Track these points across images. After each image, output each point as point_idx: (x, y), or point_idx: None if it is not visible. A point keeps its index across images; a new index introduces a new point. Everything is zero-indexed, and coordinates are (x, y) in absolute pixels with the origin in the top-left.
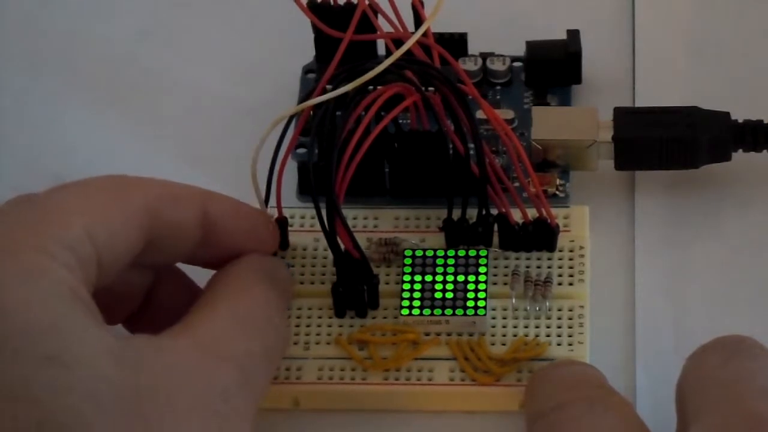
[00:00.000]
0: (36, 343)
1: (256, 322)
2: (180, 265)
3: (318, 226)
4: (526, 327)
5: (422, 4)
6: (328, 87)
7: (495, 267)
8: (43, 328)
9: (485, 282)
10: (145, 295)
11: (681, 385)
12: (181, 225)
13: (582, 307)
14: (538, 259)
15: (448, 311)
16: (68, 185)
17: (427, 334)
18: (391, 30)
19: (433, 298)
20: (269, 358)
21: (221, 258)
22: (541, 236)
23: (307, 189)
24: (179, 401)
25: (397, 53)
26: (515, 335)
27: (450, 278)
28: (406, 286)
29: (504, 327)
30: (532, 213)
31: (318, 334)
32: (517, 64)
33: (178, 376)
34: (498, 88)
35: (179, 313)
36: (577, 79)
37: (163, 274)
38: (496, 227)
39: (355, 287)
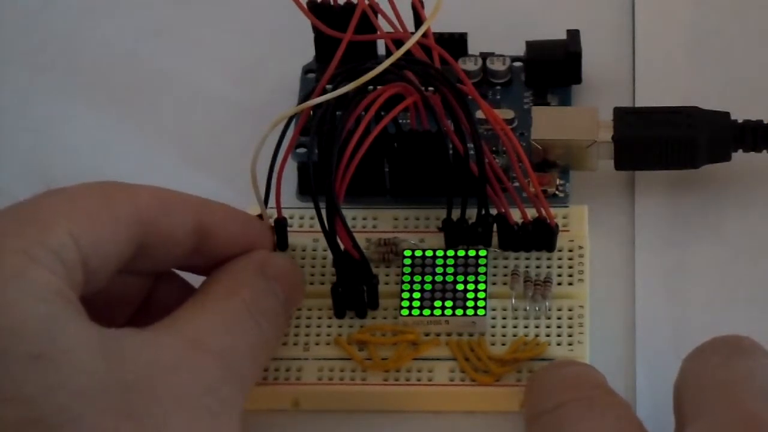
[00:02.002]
0: (22, 342)
1: (240, 320)
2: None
3: (317, 226)
4: (526, 327)
5: (422, 4)
6: (328, 87)
7: (495, 267)
8: (28, 327)
9: (485, 282)
10: (144, 299)
11: (679, 385)
12: (172, 233)
13: (582, 307)
14: (538, 259)
15: (448, 311)
16: (55, 191)
17: (427, 335)
18: (391, 30)
19: (433, 298)
20: (254, 355)
21: (216, 265)
22: (541, 236)
23: (307, 189)
24: (166, 394)
25: (397, 53)
26: (515, 335)
27: (450, 278)
28: (406, 287)
29: (504, 327)
30: (531, 213)
31: (318, 335)
32: (517, 64)
33: (164, 369)
34: (498, 88)
35: None
36: (577, 79)
37: (162, 279)
38: (495, 227)
39: (354, 287)
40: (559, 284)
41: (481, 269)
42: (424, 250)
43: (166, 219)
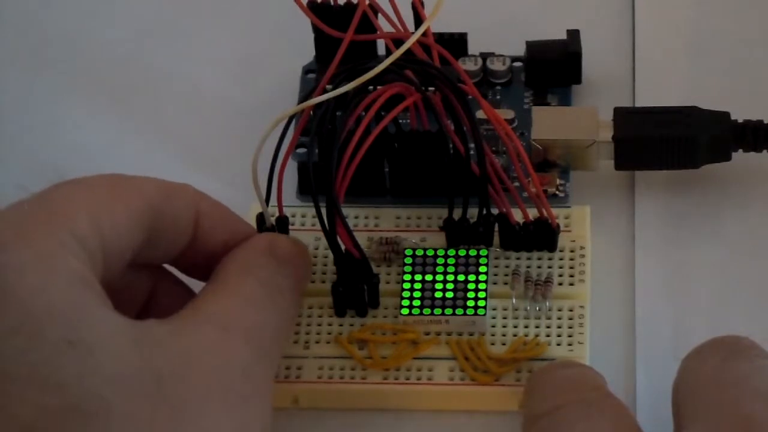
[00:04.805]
0: (56, 327)
1: (262, 301)
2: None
3: (319, 225)
4: (526, 327)
5: (422, 3)
6: (329, 87)
7: (495, 267)
8: (61, 313)
9: (485, 282)
10: (147, 297)
11: (677, 386)
12: (177, 221)
13: (582, 307)
14: (539, 259)
15: (448, 311)
16: (71, 181)
17: (427, 334)
18: (392, 30)
19: (434, 298)
20: (277, 334)
21: (203, 261)
22: (542, 236)
23: (307, 189)
24: (200, 382)
25: (397, 53)
26: (515, 335)
27: (450, 278)
28: (407, 286)
29: (504, 327)
30: (532, 213)
31: (318, 333)
32: (517, 64)
33: (196, 356)
34: (498, 88)
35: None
36: (577, 79)
37: (162, 277)
38: (496, 227)
39: (355, 286)
40: (560, 284)
41: (482, 269)
42: (425, 249)
43: (171, 207)
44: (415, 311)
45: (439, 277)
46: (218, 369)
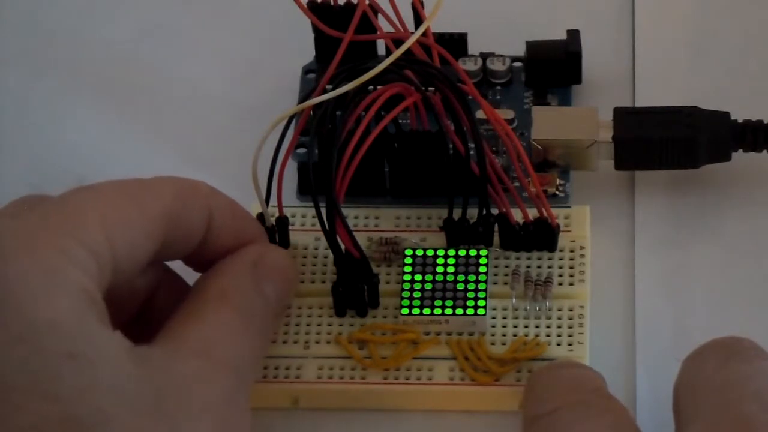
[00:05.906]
0: (56, 338)
1: (238, 329)
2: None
3: (319, 225)
4: (526, 327)
5: (422, 3)
6: (328, 87)
7: (495, 267)
8: (62, 324)
9: (485, 282)
10: (149, 295)
11: (678, 387)
12: (192, 224)
13: (582, 307)
14: (539, 258)
15: (448, 311)
16: (87, 188)
17: (427, 334)
18: (391, 30)
19: (433, 298)
20: (254, 360)
21: (211, 257)
22: (542, 236)
23: (307, 189)
24: (195, 404)
25: (397, 53)
26: (515, 335)
27: (450, 278)
28: (407, 286)
29: (504, 327)
30: (532, 213)
31: (318, 333)
32: (517, 64)
33: (191, 380)
34: (498, 88)
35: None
36: (577, 79)
37: (164, 278)
38: (496, 227)
39: (355, 286)
40: (560, 284)
41: (482, 269)
42: (425, 249)
43: (186, 212)
44: (415, 311)
45: (439, 277)
46: (209, 394)
